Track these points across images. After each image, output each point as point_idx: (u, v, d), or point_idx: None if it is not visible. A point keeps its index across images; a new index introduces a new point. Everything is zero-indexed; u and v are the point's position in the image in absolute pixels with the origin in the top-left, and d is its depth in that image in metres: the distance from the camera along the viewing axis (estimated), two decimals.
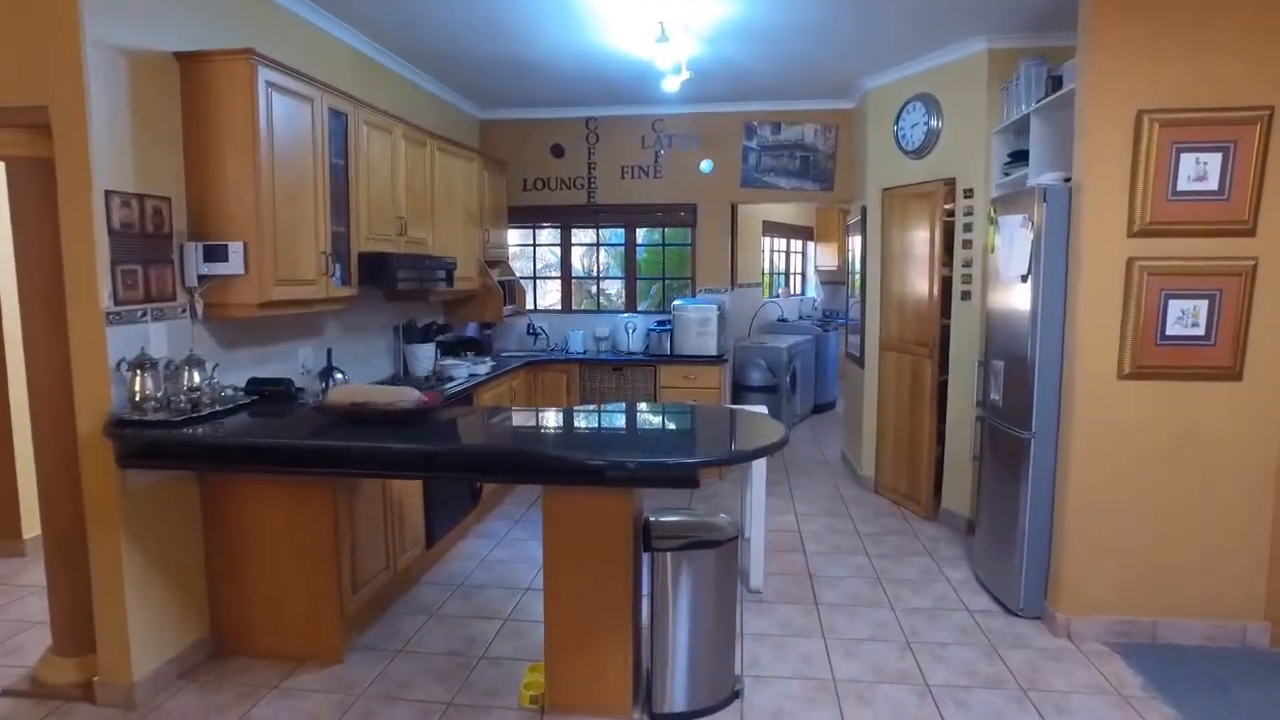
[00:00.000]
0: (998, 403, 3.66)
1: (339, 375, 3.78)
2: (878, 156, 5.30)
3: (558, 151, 6.37)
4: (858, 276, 5.78)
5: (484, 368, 4.96)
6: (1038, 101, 3.64)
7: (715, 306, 5.86)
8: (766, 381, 7.06)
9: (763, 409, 4.41)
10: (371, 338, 4.61)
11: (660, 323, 6.10)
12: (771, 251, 9.36)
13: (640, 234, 6.70)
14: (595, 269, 6.78)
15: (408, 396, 2.69)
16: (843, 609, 3.60)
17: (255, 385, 3.16)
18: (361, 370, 4.48)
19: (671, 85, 4.54)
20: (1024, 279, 3.36)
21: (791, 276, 10.11)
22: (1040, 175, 3.53)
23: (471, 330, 6.24)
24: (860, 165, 5.68)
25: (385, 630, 3.41)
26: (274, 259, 3.09)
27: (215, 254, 2.99)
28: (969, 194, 4.52)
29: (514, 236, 6.61)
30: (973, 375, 4.17)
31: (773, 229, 8.99)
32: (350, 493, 3.18)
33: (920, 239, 4.86)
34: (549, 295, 6.86)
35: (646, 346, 6.13)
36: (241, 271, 3.01)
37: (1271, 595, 3.19)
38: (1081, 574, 3.27)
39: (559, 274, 6.74)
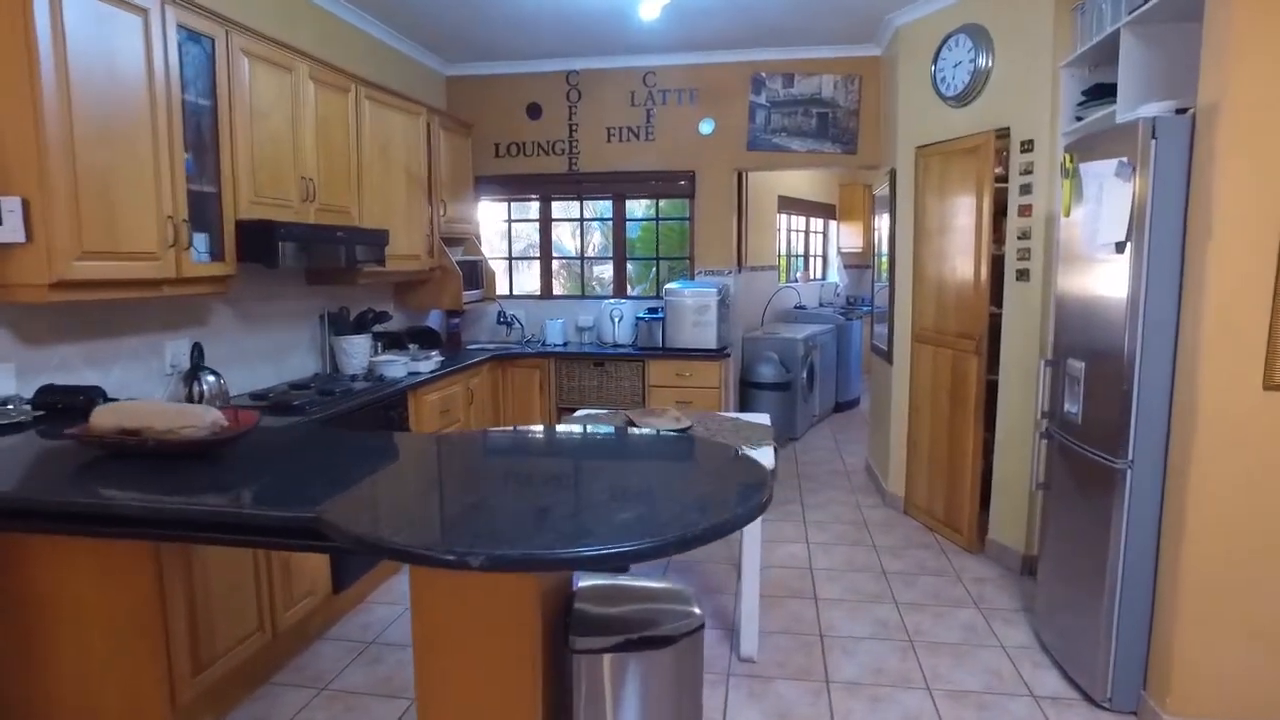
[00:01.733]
0: (1073, 416, 2.73)
1: (211, 378, 2.95)
2: (911, 107, 4.35)
3: (534, 111, 5.49)
4: (884, 258, 4.84)
5: (428, 364, 4.12)
6: (1131, 12, 2.68)
7: (715, 291, 4.96)
8: (779, 377, 6.14)
9: (764, 418, 3.52)
10: (287, 328, 3.77)
11: (651, 310, 5.22)
12: (789, 231, 8.41)
13: (636, 208, 5.80)
14: (580, 248, 5.90)
15: (202, 419, 1.83)
16: (863, 690, 2.71)
17: (46, 395, 2.32)
18: (273, 369, 3.65)
19: (650, 11, 3.63)
20: (1119, 248, 2.42)
21: (811, 259, 9.14)
22: (1137, 108, 2.58)
23: (435, 320, 5.41)
24: (889, 120, 4.73)
25: (254, 713, 2.59)
26: (75, 223, 2.26)
27: None
28: (1028, 146, 3.56)
29: (486, 211, 5.75)
30: (1034, 377, 3.24)
31: (790, 206, 8.03)
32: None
33: (964, 207, 3.92)
34: (530, 279, 5.99)
35: (635, 338, 5.25)
36: (22, 239, 2.17)
37: None
38: (1202, 659, 2.35)
39: (538, 254, 5.86)
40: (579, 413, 3.71)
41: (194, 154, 2.75)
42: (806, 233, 8.90)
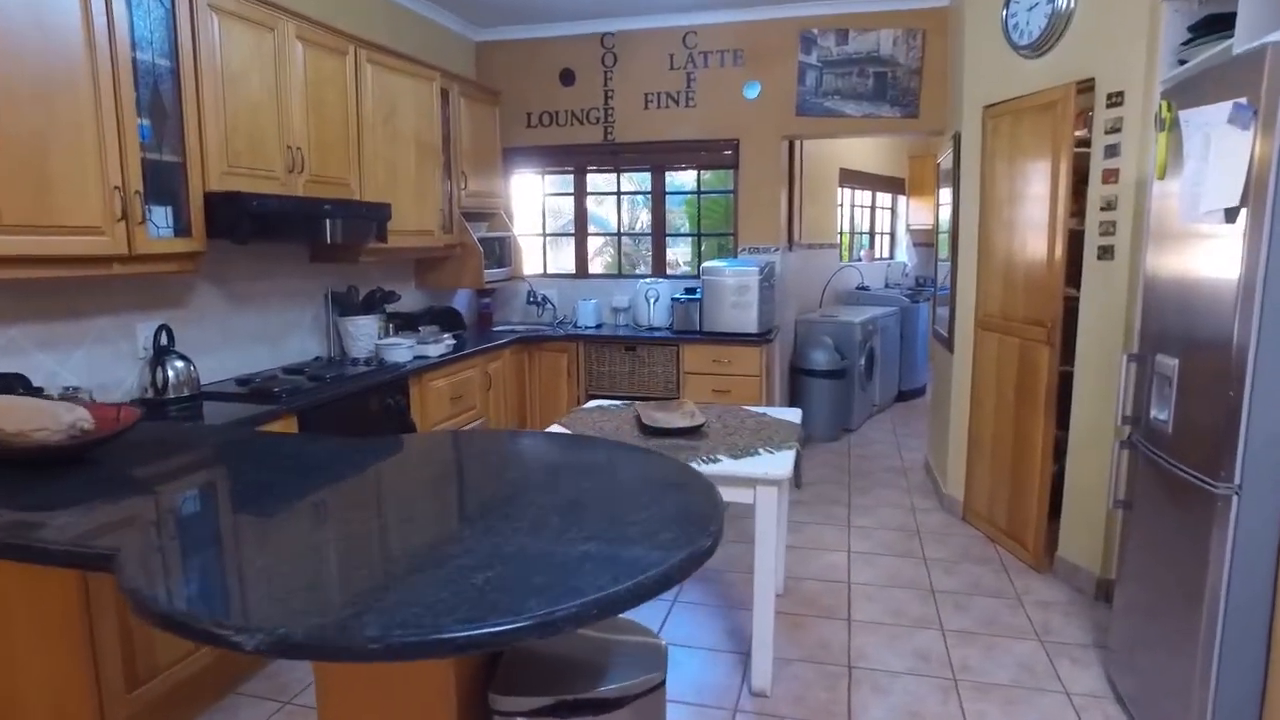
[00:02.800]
0: (1161, 424, 2.24)
1: (179, 363, 2.74)
2: (978, 60, 3.80)
3: (567, 78, 5.13)
4: (945, 235, 4.31)
5: (437, 348, 3.85)
6: None
7: (756, 269, 4.53)
8: (833, 364, 5.67)
9: (795, 415, 3.11)
10: (287, 309, 3.56)
11: (688, 291, 4.82)
12: (852, 206, 7.84)
13: (679, 181, 5.40)
14: (616, 224, 5.53)
15: (59, 420, 1.57)
16: None
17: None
18: (269, 352, 3.44)
19: None
20: (1230, 216, 1.92)
21: (877, 237, 8.54)
22: (1264, 37, 2.04)
23: (464, 300, 5.16)
24: (955, 77, 4.18)
25: None
26: None
27: None
28: (1116, 100, 3.01)
29: (520, 185, 5.44)
30: (1116, 374, 2.73)
31: (853, 179, 7.46)
32: None
33: (1037, 174, 3.38)
34: (570, 257, 5.65)
35: (672, 321, 4.88)
36: None
37: None
38: None
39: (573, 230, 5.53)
40: (589, 404, 3.37)
41: (152, 119, 2.51)
42: (872, 208, 8.30)
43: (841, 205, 7.44)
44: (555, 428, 2.96)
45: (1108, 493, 2.63)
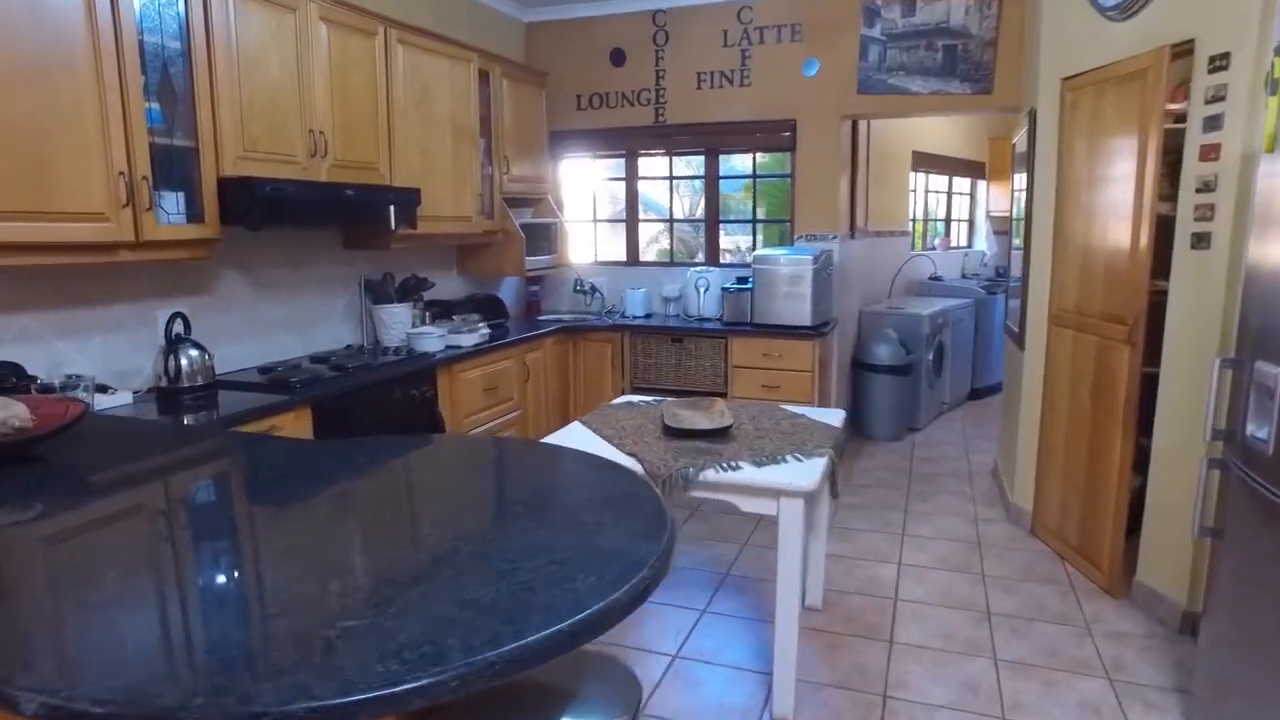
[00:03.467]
0: (1260, 443, 1.91)
1: (194, 352, 2.70)
2: (1058, 25, 3.43)
3: (618, 58, 4.95)
4: (1020, 222, 3.94)
5: (471, 337, 3.74)
6: None
7: (810, 258, 4.25)
8: (897, 359, 5.33)
9: (837, 417, 2.87)
10: (319, 296, 3.52)
11: (740, 280, 4.58)
12: (926, 192, 7.39)
13: (734, 165, 5.15)
14: (669, 209, 5.33)
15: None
16: None
17: None
18: (298, 340, 3.41)
19: None
20: None
21: (954, 224, 8.05)
22: None
23: (511, 287, 5.07)
24: (1031, 47, 3.79)
25: None
26: None
27: None
28: (1220, 63, 2.62)
29: (572, 169, 5.30)
30: (1207, 380, 2.38)
31: (928, 162, 7.02)
32: None
33: (1121, 153, 3.01)
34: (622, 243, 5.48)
35: (723, 312, 4.65)
36: None
37: None
38: None
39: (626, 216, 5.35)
40: (619, 400, 3.20)
41: (162, 103, 2.46)
42: (949, 193, 7.82)
43: (915, 190, 7.02)
44: (576, 425, 2.81)
45: (1193, 519, 2.29)
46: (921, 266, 7.05)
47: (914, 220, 7.12)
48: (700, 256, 5.35)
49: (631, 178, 5.21)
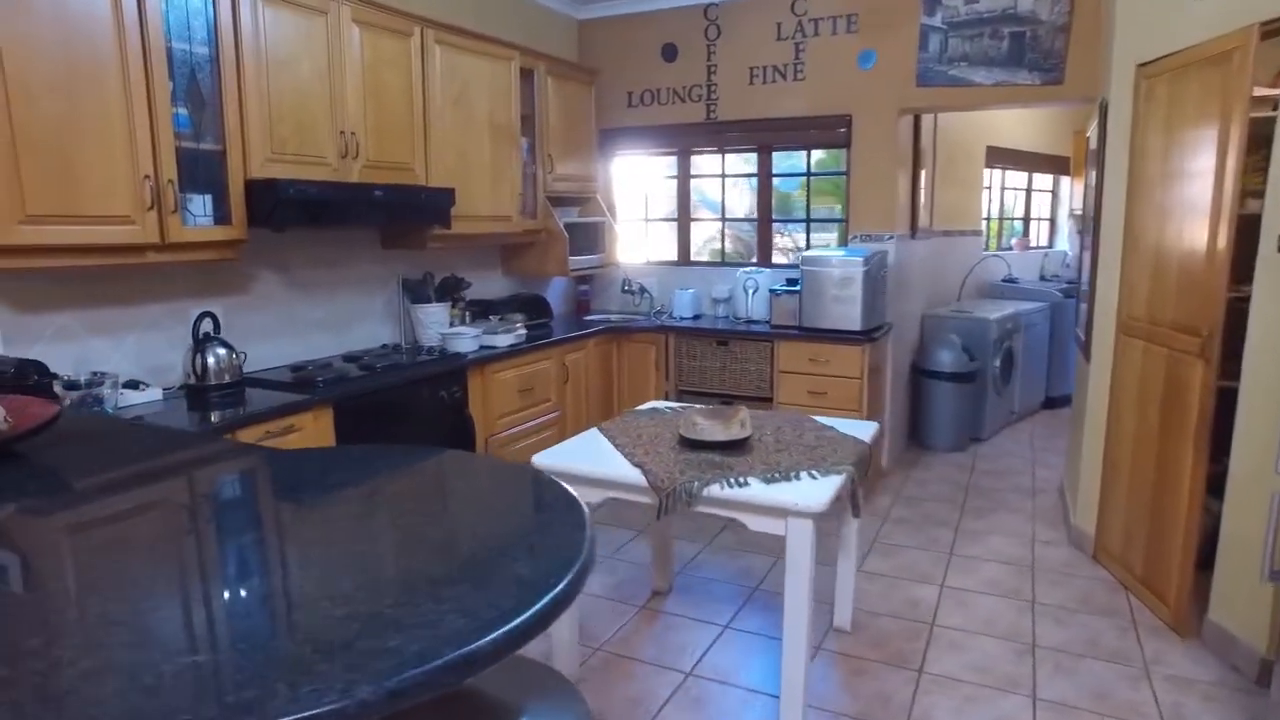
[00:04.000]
0: None
1: (221, 350, 2.76)
2: (1134, 4, 3.14)
3: (669, 53, 4.85)
4: (1089, 220, 3.65)
5: (507, 338, 3.72)
6: None
7: (860, 259, 4.06)
8: (960, 366, 5.05)
9: (867, 430, 2.71)
10: (357, 295, 3.57)
11: (789, 282, 4.42)
12: (1003, 189, 7.00)
13: (796, 162, 4.98)
14: (721, 208, 5.20)
15: None
16: None
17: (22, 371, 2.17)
18: (333, 339, 3.47)
19: None
20: None
21: (1034, 223, 7.60)
22: None
23: (558, 288, 5.05)
24: (1106, 31, 3.50)
25: None
26: (15, 183, 2.08)
27: None
28: None
29: (623, 168, 5.24)
30: None
31: (1004, 158, 6.64)
32: None
33: (1201, 145, 2.73)
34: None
35: (771, 314, 4.50)
36: None
37: None
38: None
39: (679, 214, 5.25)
40: (644, 406, 3.12)
41: (189, 108, 2.52)
42: (1028, 191, 7.39)
43: (989, 188, 6.66)
44: (593, 432, 2.74)
45: (1262, 561, 2.04)
46: (995, 268, 6.68)
47: (987, 219, 6.76)
48: (730, 255, 5.19)
49: (684, 176, 5.11)
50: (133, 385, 2.55)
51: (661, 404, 3.14)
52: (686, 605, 3.05)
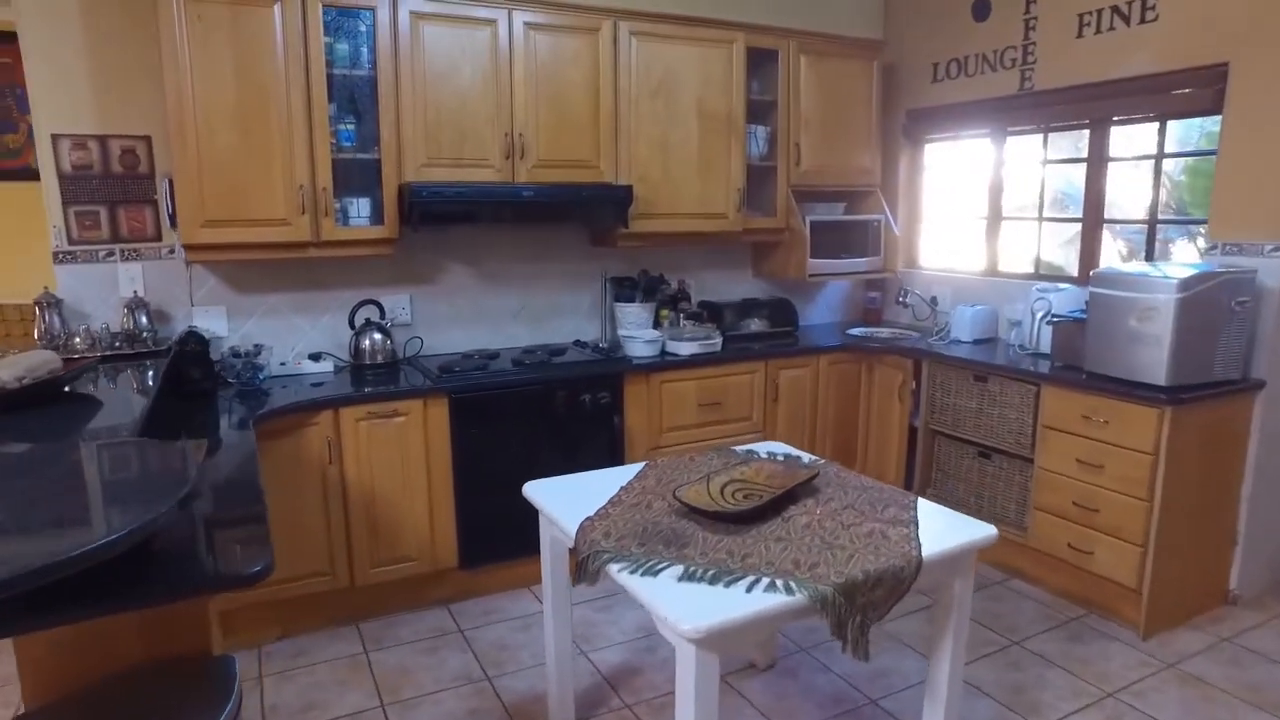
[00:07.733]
0: None
1: (377, 336, 3.15)
2: None
3: (980, 11, 3.90)
4: None
5: (691, 345, 3.47)
6: None
7: (1175, 281, 2.76)
8: None
9: (950, 536, 1.93)
10: (560, 290, 3.74)
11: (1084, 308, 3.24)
12: None
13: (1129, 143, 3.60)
14: (1038, 205, 4.00)
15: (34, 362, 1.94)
16: None
17: (185, 339, 2.79)
18: (531, 331, 3.70)
19: None
20: None
21: None
22: None
23: (834, 294, 4.56)
24: None
25: (300, 646, 2.78)
26: (198, 195, 2.68)
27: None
28: None
29: (934, 154, 4.43)
30: None
31: None
32: None
33: None
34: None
35: (1053, 347, 3.36)
36: (171, 210, 2.73)
37: None
38: None
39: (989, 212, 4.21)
40: (742, 447, 2.63)
41: (355, 122, 2.91)
42: None
43: None
44: (641, 465, 2.43)
45: None
46: None
47: None
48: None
49: (998, 164, 4.07)
50: (314, 358, 3.10)
51: (766, 447, 2.61)
52: (767, 694, 2.53)
